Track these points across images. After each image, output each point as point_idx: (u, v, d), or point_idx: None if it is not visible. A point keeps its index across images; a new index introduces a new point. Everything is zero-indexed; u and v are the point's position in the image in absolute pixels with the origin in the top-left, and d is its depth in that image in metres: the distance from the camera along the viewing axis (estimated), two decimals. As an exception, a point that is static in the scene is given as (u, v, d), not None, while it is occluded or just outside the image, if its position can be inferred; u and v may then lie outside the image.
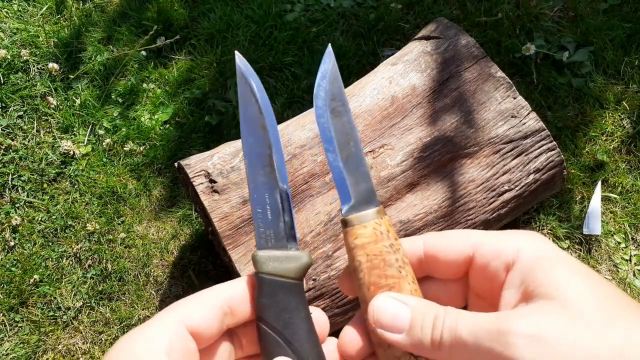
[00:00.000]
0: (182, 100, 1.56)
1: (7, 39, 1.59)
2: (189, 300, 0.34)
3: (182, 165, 1.04)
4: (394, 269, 0.34)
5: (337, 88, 0.38)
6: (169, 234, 1.40)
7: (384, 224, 0.35)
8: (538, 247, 0.31)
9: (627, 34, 1.62)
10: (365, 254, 0.34)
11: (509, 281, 0.31)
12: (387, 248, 0.34)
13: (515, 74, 1.57)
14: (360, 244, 0.34)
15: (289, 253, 0.35)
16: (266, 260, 0.35)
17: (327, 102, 0.37)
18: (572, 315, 0.27)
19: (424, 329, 0.31)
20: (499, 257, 0.32)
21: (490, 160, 1.04)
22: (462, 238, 0.34)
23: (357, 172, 0.36)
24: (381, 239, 0.34)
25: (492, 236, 0.34)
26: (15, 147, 1.47)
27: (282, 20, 1.66)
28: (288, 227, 0.36)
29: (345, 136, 0.37)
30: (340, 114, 0.37)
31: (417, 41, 1.16)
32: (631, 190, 1.46)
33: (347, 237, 0.35)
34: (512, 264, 0.31)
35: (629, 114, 1.54)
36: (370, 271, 0.34)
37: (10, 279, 1.34)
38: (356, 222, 0.35)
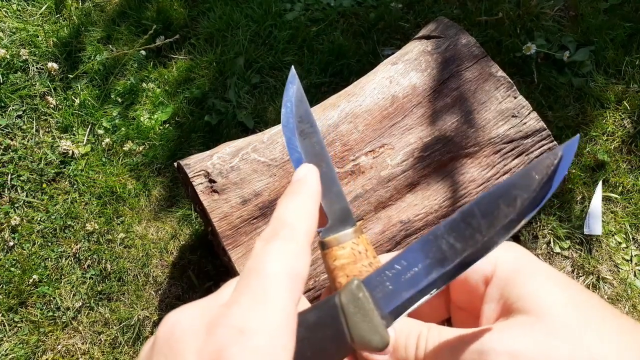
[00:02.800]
0: (181, 99, 1.55)
1: (7, 38, 1.59)
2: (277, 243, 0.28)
3: (181, 165, 1.03)
4: None
5: (304, 110, 0.38)
6: (168, 234, 1.40)
7: (361, 243, 0.35)
8: (515, 258, 0.31)
9: (628, 33, 1.62)
10: (345, 275, 0.34)
11: (488, 295, 0.31)
12: (367, 267, 0.34)
13: (515, 74, 1.57)
14: (339, 265, 0.34)
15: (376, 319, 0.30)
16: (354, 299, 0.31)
17: (294, 125, 0.37)
18: (549, 328, 0.27)
19: (408, 349, 0.31)
20: (476, 270, 0.32)
21: (490, 160, 1.04)
22: None
23: (330, 192, 0.36)
24: (360, 259, 0.34)
25: None
26: (14, 146, 1.47)
27: (282, 20, 1.65)
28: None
29: (316, 157, 0.37)
30: (309, 135, 0.37)
31: (418, 40, 1.16)
32: (632, 190, 1.45)
33: (326, 259, 0.35)
34: (490, 277, 0.31)
35: (629, 114, 1.53)
36: None
37: (9, 279, 1.33)
38: (334, 244, 0.34)
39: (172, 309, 0.99)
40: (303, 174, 0.32)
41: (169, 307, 1.33)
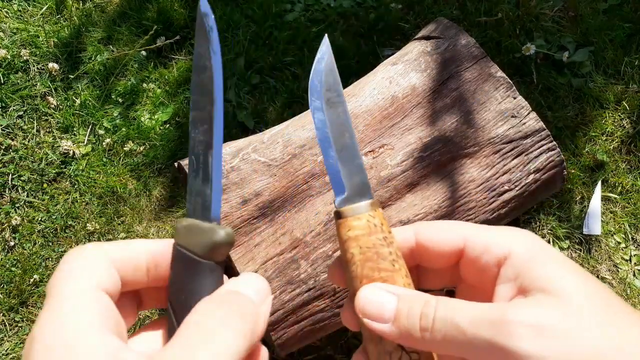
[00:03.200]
0: (182, 100, 1.56)
1: (7, 38, 1.59)
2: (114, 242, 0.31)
3: (182, 165, 1.04)
4: (388, 262, 0.34)
5: (333, 79, 0.38)
6: (169, 233, 1.40)
7: (377, 217, 0.35)
8: (530, 243, 0.31)
9: (627, 33, 1.62)
10: (358, 246, 0.34)
11: (502, 276, 0.31)
12: (381, 241, 0.34)
13: (515, 74, 1.57)
14: (353, 236, 0.34)
15: (207, 225, 0.31)
16: (181, 230, 0.31)
17: (322, 93, 0.37)
18: (572, 309, 0.27)
19: (410, 318, 0.31)
20: (489, 251, 0.32)
21: (490, 160, 1.04)
22: (453, 230, 0.34)
23: (351, 164, 0.36)
24: (375, 232, 0.34)
25: (484, 230, 0.34)
26: (15, 147, 1.47)
27: (282, 20, 1.66)
28: (216, 197, 0.32)
29: (340, 127, 0.36)
30: (336, 104, 0.37)
31: (417, 41, 1.16)
32: (631, 190, 1.46)
33: (340, 228, 0.35)
34: (504, 259, 0.31)
35: (629, 114, 1.54)
36: (363, 264, 0.34)
37: (10, 278, 1.34)
38: (349, 214, 0.34)
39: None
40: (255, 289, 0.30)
41: (169, 306, 1.34)
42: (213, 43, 0.34)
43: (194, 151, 0.33)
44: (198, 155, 0.33)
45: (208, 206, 0.32)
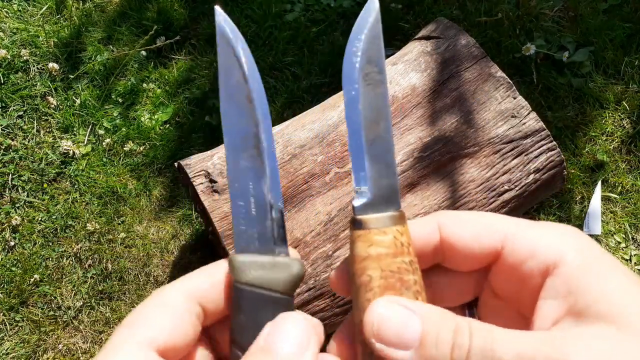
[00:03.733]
0: (182, 100, 1.56)
1: (7, 38, 1.59)
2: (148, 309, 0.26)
3: (182, 165, 1.04)
4: (411, 293, 0.27)
5: (376, 50, 0.30)
6: (169, 233, 1.40)
7: (405, 234, 0.28)
8: (585, 248, 0.25)
9: (627, 33, 1.62)
10: (379, 268, 0.27)
11: (549, 289, 0.25)
12: (407, 265, 0.27)
13: (515, 74, 1.57)
14: (375, 254, 0.27)
15: (276, 259, 0.28)
16: (246, 267, 0.27)
17: (360, 65, 0.29)
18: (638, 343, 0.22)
19: (440, 346, 0.24)
20: (535, 256, 0.26)
21: (490, 160, 1.04)
22: (489, 225, 0.28)
23: (382, 161, 0.29)
24: (401, 253, 0.27)
25: (526, 227, 0.27)
26: (15, 147, 1.47)
27: (282, 20, 1.66)
28: (277, 225, 0.28)
29: (376, 113, 0.29)
30: (375, 83, 0.29)
31: (417, 41, 1.16)
32: (631, 190, 1.46)
33: (357, 241, 0.28)
34: (553, 267, 0.25)
35: (629, 114, 1.54)
36: (382, 292, 0.27)
37: (10, 278, 1.34)
38: (374, 225, 0.27)
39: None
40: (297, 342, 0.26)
41: (169, 306, 1.34)
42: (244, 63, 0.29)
43: (237, 180, 0.28)
44: (245, 186, 0.28)
45: (271, 238, 0.28)
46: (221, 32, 0.30)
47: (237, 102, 0.29)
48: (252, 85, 0.29)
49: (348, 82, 0.29)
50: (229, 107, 0.29)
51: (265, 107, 0.30)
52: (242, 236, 0.28)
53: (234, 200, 0.29)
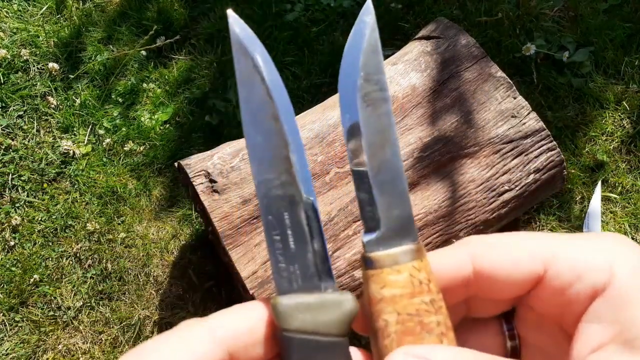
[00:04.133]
0: (182, 100, 1.56)
1: (7, 38, 1.59)
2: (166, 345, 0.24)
3: (182, 165, 1.04)
4: (434, 337, 0.24)
5: (375, 64, 0.26)
6: (169, 233, 1.40)
7: (424, 270, 0.25)
8: (636, 263, 0.23)
9: (628, 34, 1.62)
10: (395, 311, 0.24)
11: (593, 312, 0.23)
12: (427, 305, 0.24)
13: (515, 74, 1.57)
14: (389, 296, 0.24)
15: (325, 297, 0.24)
16: (294, 311, 0.24)
17: (357, 84, 0.26)
18: None
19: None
20: (582, 279, 0.23)
21: (490, 160, 1.04)
22: (527, 249, 0.25)
23: (392, 189, 0.26)
24: (420, 292, 0.24)
25: (569, 245, 0.24)
26: (15, 146, 1.47)
27: (282, 20, 1.66)
28: (320, 258, 0.25)
29: (380, 136, 0.26)
30: (377, 102, 0.26)
31: (417, 41, 1.16)
32: (631, 190, 1.46)
33: (369, 282, 0.25)
34: (602, 289, 0.23)
35: (629, 114, 1.54)
36: (401, 337, 0.24)
37: (10, 278, 1.34)
38: (386, 264, 0.25)
39: (173, 308, 1.01)
40: None
41: (169, 306, 1.34)
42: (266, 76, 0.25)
43: (270, 211, 0.25)
44: (280, 216, 0.25)
45: (314, 273, 0.25)
46: (237, 41, 0.26)
47: (262, 123, 0.25)
48: (277, 102, 0.25)
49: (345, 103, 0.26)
50: (253, 129, 0.25)
51: (294, 125, 0.26)
52: (282, 274, 0.25)
53: (268, 235, 0.25)
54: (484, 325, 0.29)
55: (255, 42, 0.26)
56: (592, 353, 0.22)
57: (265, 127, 0.25)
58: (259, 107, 0.25)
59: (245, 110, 0.25)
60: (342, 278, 0.98)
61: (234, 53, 0.26)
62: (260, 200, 0.26)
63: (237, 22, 0.26)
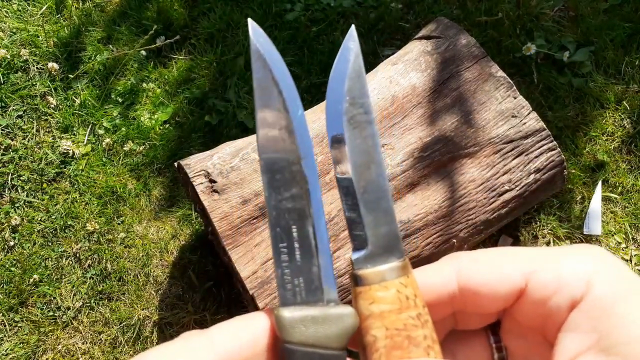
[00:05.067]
0: (182, 100, 1.56)
1: (7, 38, 1.59)
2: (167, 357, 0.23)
3: (181, 165, 1.03)
4: (421, 350, 0.25)
5: (359, 88, 0.28)
6: (168, 233, 1.40)
7: (410, 285, 0.26)
8: (613, 276, 0.24)
9: (628, 33, 1.62)
10: (383, 327, 0.25)
11: (572, 322, 0.24)
12: (414, 320, 0.25)
13: (515, 74, 1.57)
14: (378, 312, 0.25)
15: (328, 311, 0.25)
16: (297, 324, 0.24)
17: (342, 107, 0.28)
18: None
19: None
20: (561, 290, 0.24)
21: (490, 160, 1.04)
22: (510, 265, 0.26)
23: (377, 208, 0.27)
24: (407, 307, 0.25)
25: (549, 258, 0.26)
26: (14, 146, 1.47)
27: (282, 20, 1.65)
28: (325, 271, 0.26)
29: (365, 157, 0.27)
30: (361, 125, 0.28)
31: (418, 41, 1.16)
32: (631, 190, 1.46)
33: (358, 299, 0.26)
34: (579, 300, 0.24)
35: (629, 114, 1.54)
36: (389, 352, 0.25)
37: (10, 278, 1.34)
38: (374, 280, 0.26)
39: (173, 308, 1.01)
40: None
41: (169, 306, 1.33)
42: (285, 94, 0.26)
43: (279, 223, 0.26)
44: (288, 229, 0.26)
45: (318, 287, 0.26)
46: (256, 51, 0.27)
47: (277, 135, 0.26)
48: (293, 115, 0.26)
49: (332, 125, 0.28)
50: (267, 140, 0.26)
51: (308, 139, 0.27)
52: (287, 286, 0.26)
53: (275, 247, 0.26)
54: (471, 337, 0.30)
55: (274, 53, 0.27)
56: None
57: (279, 140, 0.26)
58: (275, 119, 0.26)
59: (261, 121, 0.26)
60: (342, 278, 0.98)
61: (253, 63, 0.26)
62: (270, 212, 0.26)
63: (256, 32, 0.27)
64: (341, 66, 0.28)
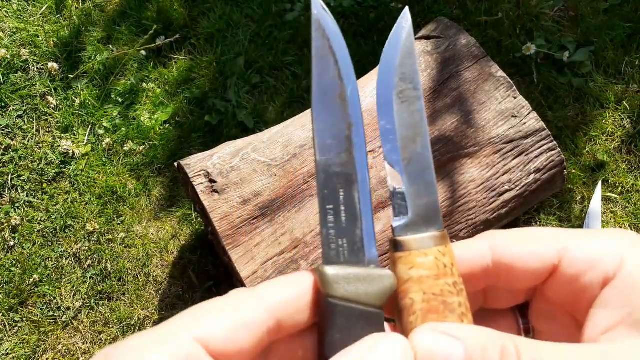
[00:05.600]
0: (182, 99, 1.56)
1: (7, 38, 1.59)
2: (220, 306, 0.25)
3: (181, 165, 1.03)
4: (455, 316, 0.26)
5: (410, 65, 0.29)
6: (168, 233, 1.40)
7: (448, 255, 0.27)
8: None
9: (628, 33, 1.62)
10: (421, 291, 0.26)
11: (603, 299, 0.24)
12: (450, 287, 0.26)
13: (515, 74, 1.57)
14: (416, 276, 0.26)
15: (369, 271, 0.26)
16: (340, 280, 0.26)
17: (393, 82, 0.29)
18: None
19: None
20: (595, 267, 0.25)
21: (490, 160, 1.04)
22: (544, 241, 0.27)
23: (421, 179, 0.28)
24: (444, 275, 0.26)
25: (582, 237, 0.27)
26: (14, 146, 1.47)
27: (282, 20, 1.65)
28: (368, 235, 0.27)
29: (412, 130, 0.29)
30: (410, 100, 0.29)
31: (417, 41, 1.16)
32: (631, 190, 1.46)
33: (397, 264, 0.27)
34: (612, 277, 0.24)
35: (629, 114, 1.54)
36: (425, 315, 0.26)
37: (9, 278, 1.34)
38: (414, 247, 0.27)
39: (173, 308, 1.01)
40: None
41: (169, 306, 1.33)
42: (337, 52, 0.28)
43: (327, 186, 0.27)
44: (335, 191, 0.27)
45: (361, 248, 0.27)
46: (317, 21, 0.28)
47: (331, 101, 0.28)
48: (347, 84, 0.28)
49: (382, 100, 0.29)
50: (321, 105, 0.28)
51: (359, 110, 0.28)
52: (331, 246, 0.27)
53: (322, 208, 0.27)
54: (499, 317, 0.31)
55: (334, 25, 0.28)
56: (603, 334, 0.24)
57: (332, 106, 0.28)
58: (330, 86, 0.28)
59: (317, 87, 0.28)
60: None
61: (313, 32, 0.28)
62: (318, 174, 0.27)
63: (317, 4, 0.28)
64: (394, 43, 0.30)
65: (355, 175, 0.28)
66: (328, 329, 0.26)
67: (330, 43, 0.28)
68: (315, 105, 0.28)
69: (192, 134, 1.51)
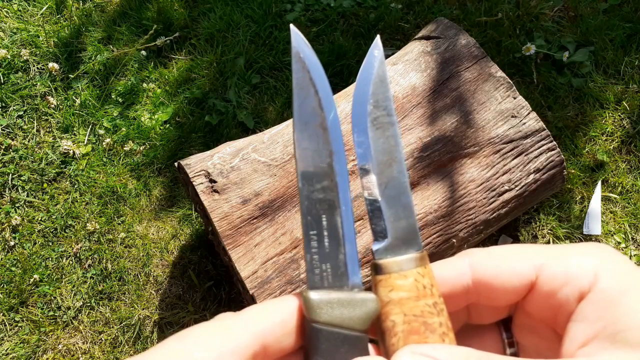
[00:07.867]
0: (182, 100, 1.56)
1: (7, 38, 1.59)
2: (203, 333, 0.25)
3: (182, 165, 1.04)
4: (437, 336, 0.27)
5: (383, 92, 0.31)
6: (169, 233, 1.40)
7: (427, 275, 0.28)
8: (618, 270, 0.25)
9: (627, 33, 1.62)
10: (402, 313, 0.27)
11: (579, 313, 0.25)
12: (431, 308, 0.27)
13: (515, 74, 1.57)
14: (397, 299, 0.27)
15: (352, 295, 0.27)
16: (324, 305, 0.26)
17: (367, 109, 0.30)
18: None
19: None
20: (570, 283, 0.26)
21: (490, 160, 1.04)
22: (522, 259, 0.28)
23: (398, 203, 0.29)
24: (424, 295, 0.27)
25: (558, 254, 0.27)
26: (15, 146, 1.47)
27: (282, 20, 1.66)
28: (351, 259, 0.28)
29: (387, 155, 0.30)
30: (384, 126, 0.30)
31: (417, 41, 1.16)
32: (631, 190, 1.46)
33: (378, 286, 0.28)
34: (587, 292, 0.25)
35: (629, 114, 1.54)
36: (407, 336, 0.27)
37: (10, 278, 1.34)
38: (394, 269, 0.28)
39: (173, 308, 1.02)
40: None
41: (169, 306, 1.34)
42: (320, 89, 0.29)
43: (310, 212, 0.28)
44: (318, 218, 0.28)
45: (344, 272, 0.28)
46: (297, 54, 0.29)
47: (312, 131, 0.29)
48: (327, 113, 0.29)
49: (357, 127, 0.30)
50: (303, 135, 0.29)
51: (340, 138, 0.29)
52: (315, 271, 0.28)
53: (306, 234, 0.28)
54: (484, 332, 0.31)
55: (313, 57, 0.30)
56: (580, 348, 0.24)
57: (314, 135, 0.29)
58: (311, 116, 0.29)
59: (298, 117, 0.29)
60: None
61: (294, 64, 0.29)
62: (302, 201, 0.28)
63: (297, 37, 0.30)
64: (366, 72, 0.31)
65: (338, 201, 0.28)
66: (313, 353, 0.26)
67: (311, 75, 0.29)
68: (297, 135, 0.29)
69: (192, 134, 1.51)
